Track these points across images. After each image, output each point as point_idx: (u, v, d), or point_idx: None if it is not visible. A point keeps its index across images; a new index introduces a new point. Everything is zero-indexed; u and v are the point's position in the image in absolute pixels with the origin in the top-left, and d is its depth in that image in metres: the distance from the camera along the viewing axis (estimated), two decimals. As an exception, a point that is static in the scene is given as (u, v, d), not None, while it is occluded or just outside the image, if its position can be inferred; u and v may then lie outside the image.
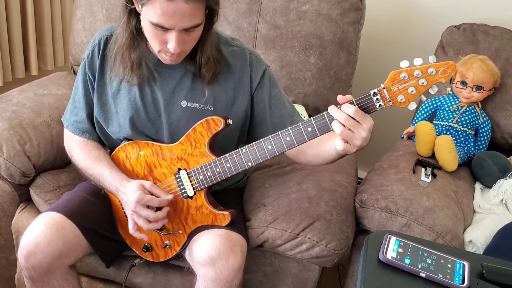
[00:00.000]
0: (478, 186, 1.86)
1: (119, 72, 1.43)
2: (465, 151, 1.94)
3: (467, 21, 2.17)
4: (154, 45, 1.33)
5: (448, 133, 1.94)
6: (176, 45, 1.28)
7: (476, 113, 1.97)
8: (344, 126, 1.19)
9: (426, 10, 2.41)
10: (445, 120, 1.96)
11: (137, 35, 1.36)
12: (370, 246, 1.02)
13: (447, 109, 1.98)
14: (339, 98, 1.20)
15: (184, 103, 1.45)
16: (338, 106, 1.20)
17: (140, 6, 1.28)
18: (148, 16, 1.25)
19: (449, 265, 0.97)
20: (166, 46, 1.30)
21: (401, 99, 1.18)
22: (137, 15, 1.33)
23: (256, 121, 1.52)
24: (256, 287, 1.67)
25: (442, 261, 0.98)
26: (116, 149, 1.53)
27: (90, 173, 1.51)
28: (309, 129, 1.25)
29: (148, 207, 1.39)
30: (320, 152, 1.38)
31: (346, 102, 1.19)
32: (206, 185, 1.42)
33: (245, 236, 1.48)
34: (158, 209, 1.42)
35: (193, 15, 1.24)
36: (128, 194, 1.39)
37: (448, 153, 1.80)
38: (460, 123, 1.95)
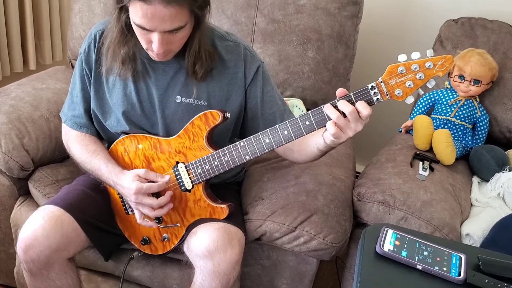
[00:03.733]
0: (475, 179, 1.87)
1: (111, 66, 1.44)
2: (463, 145, 1.95)
3: (465, 15, 2.16)
4: (142, 43, 1.33)
5: (446, 127, 1.95)
6: (159, 46, 1.28)
7: (474, 107, 1.97)
8: (336, 125, 1.20)
9: (424, 4, 2.41)
10: (443, 114, 1.97)
11: (127, 30, 1.36)
12: (367, 239, 1.02)
13: (445, 103, 1.99)
14: (339, 91, 1.21)
15: (178, 99, 1.45)
16: (335, 100, 1.21)
17: (128, 4, 1.28)
18: (132, 16, 1.26)
19: (446, 258, 0.98)
20: (152, 45, 1.30)
21: (398, 93, 1.18)
22: (127, 11, 1.33)
23: (248, 116, 1.52)
24: (254, 280, 1.68)
25: (439, 254, 0.98)
26: (115, 143, 1.53)
27: (88, 168, 1.51)
28: (307, 122, 1.26)
29: (149, 194, 1.40)
30: (303, 149, 1.40)
31: (344, 96, 1.20)
32: (204, 179, 1.42)
33: (243, 229, 1.49)
34: (159, 195, 1.42)
35: (174, 18, 1.23)
36: (126, 186, 1.40)
37: (445, 147, 1.80)
38: (458, 117, 1.95)
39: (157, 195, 1.43)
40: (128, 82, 1.46)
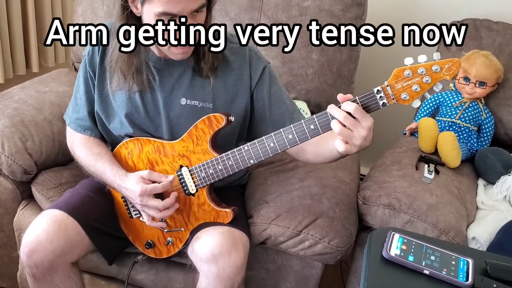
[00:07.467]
0: (481, 182, 1.86)
1: (119, 83, 1.43)
2: (468, 147, 1.94)
3: (470, 16, 2.16)
4: (163, 42, 1.32)
5: (451, 129, 1.94)
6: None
7: (479, 109, 1.96)
8: (343, 125, 1.17)
9: (428, 5, 2.40)
10: (447, 116, 1.96)
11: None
12: (374, 243, 1.01)
13: (449, 105, 1.98)
14: (340, 96, 1.19)
15: (183, 101, 1.45)
16: (338, 105, 1.19)
17: (140, 5, 1.28)
18: (153, 9, 1.25)
19: (453, 262, 0.97)
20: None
21: (404, 97, 1.17)
22: (136, 19, 1.32)
23: (256, 118, 1.51)
24: (259, 284, 1.67)
25: (446, 258, 0.98)
26: (118, 146, 1.52)
27: (92, 170, 1.50)
28: (312, 126, 1.24)
29: (154, 196, 1.39)
30: (320, 151, 1.38)
31: (348, 100, 1.18)
32: (208, 182, 1.41)
33: (247, 233, 1.48)
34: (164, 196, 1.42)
35: None
36: (130, 189, 1.39)
37: (451, 149, 1.79)
38: (463, 119, 1.94)
39: (162, 196, 1.42)
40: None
